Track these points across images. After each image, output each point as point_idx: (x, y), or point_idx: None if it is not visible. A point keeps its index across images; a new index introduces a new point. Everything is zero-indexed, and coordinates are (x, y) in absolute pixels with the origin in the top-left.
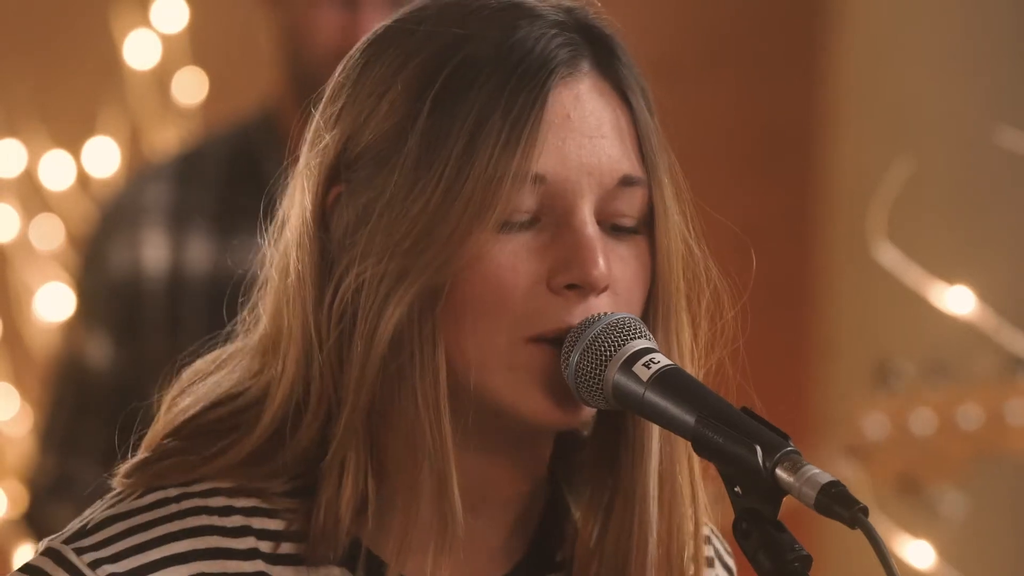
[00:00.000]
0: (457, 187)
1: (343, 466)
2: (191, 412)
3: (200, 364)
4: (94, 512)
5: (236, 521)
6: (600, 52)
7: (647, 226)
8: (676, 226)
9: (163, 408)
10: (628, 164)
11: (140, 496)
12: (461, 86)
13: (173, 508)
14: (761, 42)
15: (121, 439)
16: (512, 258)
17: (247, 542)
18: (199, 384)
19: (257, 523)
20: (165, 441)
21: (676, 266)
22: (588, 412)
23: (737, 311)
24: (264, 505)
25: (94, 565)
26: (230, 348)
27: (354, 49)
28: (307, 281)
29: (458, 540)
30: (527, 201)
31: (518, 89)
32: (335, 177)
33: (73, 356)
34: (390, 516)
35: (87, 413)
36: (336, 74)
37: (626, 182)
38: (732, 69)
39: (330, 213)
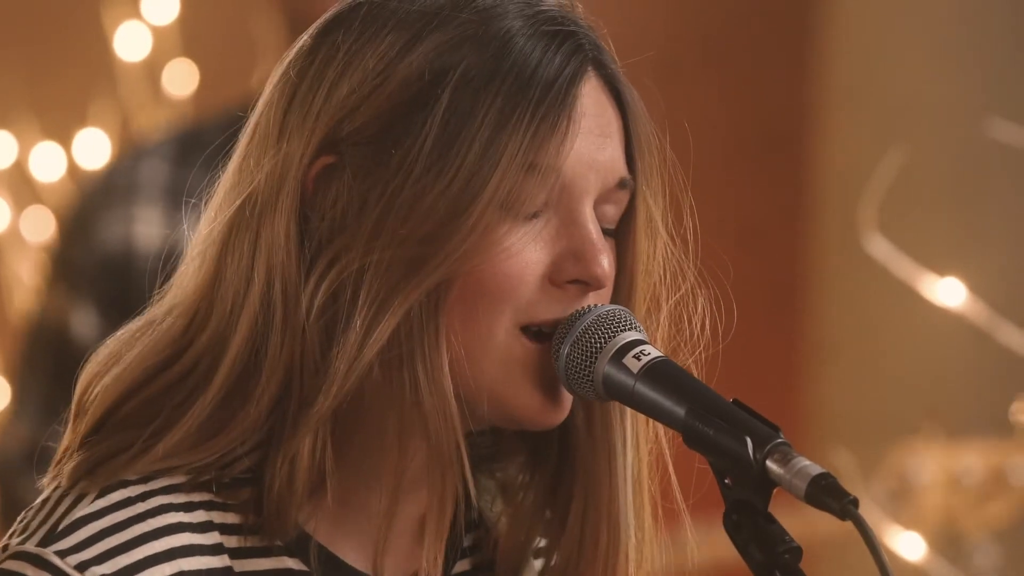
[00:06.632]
0: (481, 178)
1: (299, 448)
2: (116, 396)
3: (114, 345)
4: (48, 515)
5: (200, 516)
6: (596, 51)
7: (622, 226)
8: (654, 229)
9: (77, 397)
10: (623, 166)
11: (99, 497)
12: (482, 75)
13: (141, 507)
14: (753, 36)
15: None
16: (521, 248)
17: (212, 537)
18: (118, 365)
19: (217, 517)
20: (95, 435)
21: (647, 268)
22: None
23: (716, 310)
24: (217, 499)
25: (81, 568)
26: (144, 318)
27: (340, 10)
28: (281, 249)
29: (444, 525)
30: (541, 194)
31: (548, 83)
32: (324, 148)
33: (53, 324)
34: (344, 506)
35: (66, 382)
36: (319, 35)
37: (622, 184)
38: (724, 65)
39: (314, 183)
